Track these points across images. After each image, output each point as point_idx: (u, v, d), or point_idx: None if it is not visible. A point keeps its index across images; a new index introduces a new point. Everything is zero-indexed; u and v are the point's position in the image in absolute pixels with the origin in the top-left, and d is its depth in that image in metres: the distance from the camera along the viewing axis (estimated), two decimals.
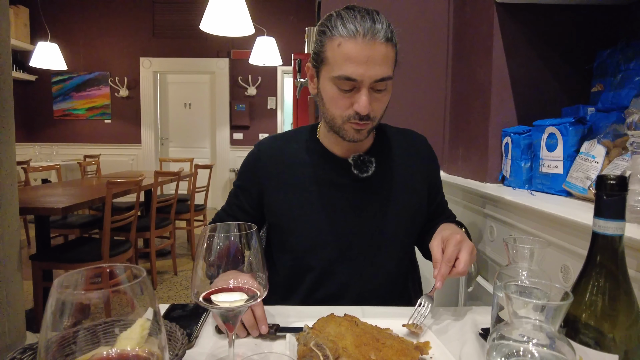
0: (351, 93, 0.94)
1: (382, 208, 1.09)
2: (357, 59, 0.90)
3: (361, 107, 0.93)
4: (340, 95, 0.95)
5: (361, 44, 0.90)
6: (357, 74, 0.91)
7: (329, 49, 0.94)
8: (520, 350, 0.49)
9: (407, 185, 1.12)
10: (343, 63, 0.91)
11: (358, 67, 0.90)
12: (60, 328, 0.38)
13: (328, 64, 0.95)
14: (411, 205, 1.12)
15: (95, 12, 6.70)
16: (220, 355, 0.76)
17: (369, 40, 0.90)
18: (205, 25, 2.87)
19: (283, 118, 6.95)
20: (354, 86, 0.93)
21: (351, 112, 0.96)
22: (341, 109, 0.97)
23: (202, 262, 0.62)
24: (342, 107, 0.96)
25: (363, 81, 0.92)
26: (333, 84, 0.95)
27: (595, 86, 1.33)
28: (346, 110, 0.96)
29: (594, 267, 0.56)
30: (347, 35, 0.90)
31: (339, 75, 0.92)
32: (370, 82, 0.92)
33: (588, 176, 1.05)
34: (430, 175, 1.18)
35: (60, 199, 2.92)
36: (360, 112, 0.94)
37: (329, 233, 1.07)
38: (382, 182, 1.10)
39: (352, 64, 0.90)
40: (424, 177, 1.16)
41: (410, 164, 1.14)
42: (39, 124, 6.91)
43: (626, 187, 0.53)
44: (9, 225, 1.60)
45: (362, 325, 0.78)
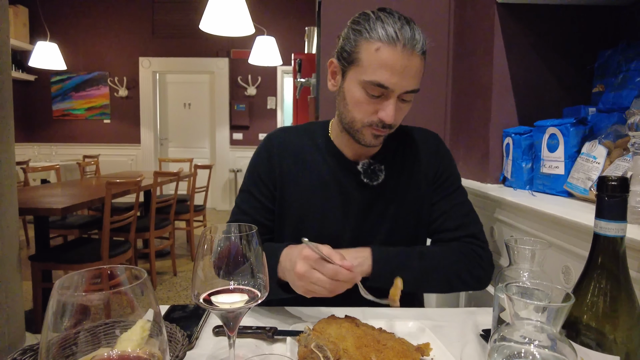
0: (378, 100, 0.92)
1: (390, 214, 1.07)
2: (394, 67, 0.88)
3: (388, 117, 0.92)
4: (367, 100, 0.93)
5: (400, 53, 0.87)
6: (391, 83, 0.89)
7: (364, 51, 0.90)
8: (522, 352, 0.49)
9: (415, 190, 1.09)
10: (378, 69, 0.89)
11: (393, 76, 0.88)
12: (61, 329, 0.38)
13: (360, 65, 0.91)
14: (418, 211, 1.09)
15: (95, 12, 6.70)
16: (221, 357, 0.75)
17: (409, 51, 0.88)
18: (205, 25, 2.87)
19: (283, 118, 6.95)
20: (383, 93, 0.91)
21: (374, 119, 0.94)
22: (365, 114, 0.94)
23: (202, 262, 0.62)
24: (366, 112, 0.94)
25: (395, 91, 0.90)
26: (361, 87, 0.92)
27: (596, 87, 1.33)
28: (369, 116, 0.94)
29: (595, 268, 0.56)
30: (387, 41, 0.88)
31: (371, 81, 0.90)
32: (401, 92, 0.91)
33: (589, 177, 1.05)
34: (437, 176, 1.11)
35: (60, 199, 2.91)
36: (386, 120, 0.92)
37: (337, 235, 1.05)
38: (391, 189, 1.07)
39: (388, 72, 0.88)
40: (429, 181, 1.11)
41: (418, 168, 1.10)
42: (38, 124, 6.90)
43: (627, 188, 0.53)
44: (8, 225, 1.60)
45: (363, 326, 0.78)
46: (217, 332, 0.83)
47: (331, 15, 1.76)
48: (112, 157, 6.90)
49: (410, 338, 0.77)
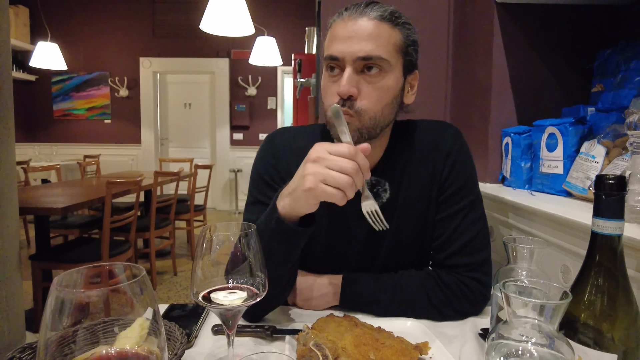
0: (339, 75, 0.85)
1: (394, 233, 0.96)
2: (341, 35, 0.83)
3: (340, 86, 0.82)
4: (329, 79, 0.87)
5: (347, 20, 0.84)
6: (338, 51, 0.83)
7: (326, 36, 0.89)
8: (519, 350, 0.49)
9: (421, 206, 0.97)
10: (329, 43, 0.86)
11: (340, 44, 0.83)
12: (59, 327, 0.38)
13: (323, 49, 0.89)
14: (424, 229, 0.98)
15: (95, 12, 6.70)
16: (219, 355, 0.75)
17: (355, 16, 0.84)
18: (205, 25, 2.87)
19: (283, 118, 6.95)
20: (338, 66, 0.85)
21: (338, 100, 0.83)
22: (329, 96, 0.87)
23: (202, 261, 0.62)
24: (330, 95, 0.86)
25: (344, 58, 0.83)
26: (325, 70, 0.88)
27: (595, 86, 1.33)
28: (333, 98, 0.85)
29: (593, 266, 0.56)
30: (338, 18, 0.86)
31: (325, 56, 0.86)
32: (353, 60, 0.82)
33: (588, 176, 1.05)
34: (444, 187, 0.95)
35: (60, 199, 2.92)
36: (339, 93, 0.82)
37: (343, 250, 0.99)
38: (396, 207, 0.96)
39: (335, 41, 0.84)
40: (435, 194, 0.96)
41: (426, 179, 0.96)
42: (38, 124, 6.91)
43: (625, 186, 0.53)
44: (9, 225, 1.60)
45: (361, 325, 0.78)
46: (216, 330, 0.83)
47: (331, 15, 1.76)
48: (113, 157, 6.91)
49: (408, 337, 0.77)
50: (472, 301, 0.91)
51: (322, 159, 0.73)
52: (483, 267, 0.92)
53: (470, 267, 0.92)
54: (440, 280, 0.92)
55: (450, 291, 0.90)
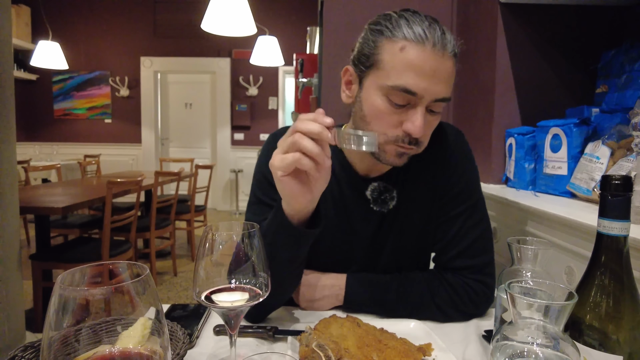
0: (403, 109, 0.79)
1: (398, 239, 0.97)
2: (423, 70, 0.75)
3: (415, 129, 0.77)
4: (390, 110, 0.79)
5: (430, 52, 0.75)
6: (420, 88, 0.76)
7: (386, 51, 0.78)
8: (524, 351, 0.48)
9: (426, 212, 0.96)
10: (404, 71, 0.76)
11: (422, 80, 0.75)
12: (63, 325, 0.38)
13: (382, 69, 0.78)
14: (427, 235, 0.98)
15: (97, 12, 6.71)
16: (222, 356, 0.75)
17: (440, 51, 0.76)
18: (206, 25, 2.87)
19: (284, 118, 6.95)
20: (410, 102, 0.78)
21: (399, 133, 0.80)
22: (387, 126, 0.80)
23: (204, 261, 0.62)
24: (388, 125, 0.80)
25: (424, 97, 0.77)
26: (384, 94, 0.79)
27: (599, 87, 1.32)
28: (393, 130, 0.80)
29: (599, 267, 0.55)
30: (414, 39, 0.75)
31: (395, 85, 0.76)
32: (430, 101, 0.78)
33: (592, 177, 1.05)
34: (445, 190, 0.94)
35: (60, 198, 2.92)
36: (413, 133, 0.78)
37: (347, 256, 0.98)
38: (401, 214, 0.95)
39: (416, 75, 0.75)
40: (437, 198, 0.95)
41: (431, 184, 0.95)
42: (39, 123, 6.91)
43: (631, 187, 0.53)
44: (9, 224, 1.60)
45: (364, 326, 0.78)
46: (217, 331, 0.83)
47: (333, 15, 1.76)
48: (113, 157, 6.91)
49: (411, 338, 0.76)
50: (476, 303, 0.91)
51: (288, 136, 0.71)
52: (486, 269, 0.92)
53: (474, 270, 0.91)
54: (446, 282, 0.91)
55: (455, 293, 0.90)
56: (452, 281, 0.91)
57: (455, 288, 0.90)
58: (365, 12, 1.70)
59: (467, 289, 0.90)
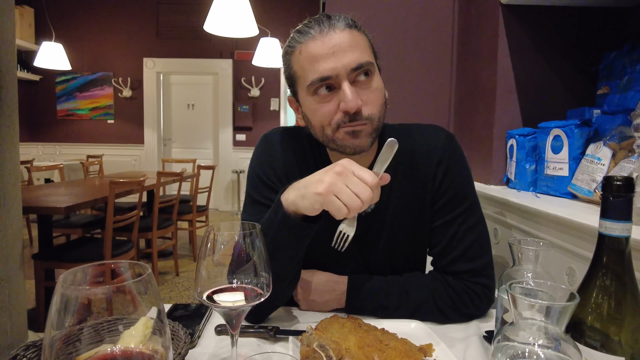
0: (334, 93, 0.83)
1: (386, 241, 0.97)
2: (322, 54, 0.81)
3: (348, 102, 0.80)
4: (322, 101, 0.84)
5: (320, 37, 0.81)
6: (328, 69, 0.80)
7: (294, 63, 0.86)
8: (526, 352, 0.48)
9: (412, 213, 0.96)
10: (310, 65, 0.82)
11: (326, 62, 0.80)
12: (64, 325, 0.38)
13: (299, 77, 0.86)
14: (416, 236, 0.98)
15: (100, 13, 6.73)
16: (223, 355, 0.75)
17: (328, 31, 0.81)
18: (209, 26, 2.87)
19: (286, 119, 6.96)
20: (333, 86, 0.82)
21: (339, 117, 0.83)
22: (328, 116, 0.84)
23: (206, 261, 0.62)
24: (328, 114, 0.84)
25: (339, 74, 0.81)
26: (311, 95, 0.84)
27: (601, 88, 1.32)
28: (333, 116, 0.83)
29: (600, 268, 0.55)
30: (303, 40, 0.83)
31: (312, 81, 0.82)
32: (347, 73, 0.81)
33: (594, 178, 1.05)
34: (438, 194, 0.94)
35: (63, 198, 2.92)
36: (349, 109, 0.81)
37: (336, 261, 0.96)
38: (385, 215, 0.96)
39: (320, 61, 0.81)
40: (427, 201, 0.96)
41: (417, 185, 0.95)
42: (42, 123, 6.93)
43: (633, 188, 0.53)
44: (12, 224, 1.60)
45: (365, 326, 0.78)
46: (219, 331, 0.83)
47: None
48: (116, 157, 6.92)
49: (412, 339, 0.76)
50: (477, 305, 0.91)
51: (346, 175, 0.74)
52: (486, 271, 0.92)
53: (473, 273, 0.91)
54: (448, 285, 0.91)
55: (457, 296, 0.90)
56: (453, 284, 0.91)
57: (457, 291, 0.90)
58: (366, 14, 1.70)
59: (468, 292, 0.90)
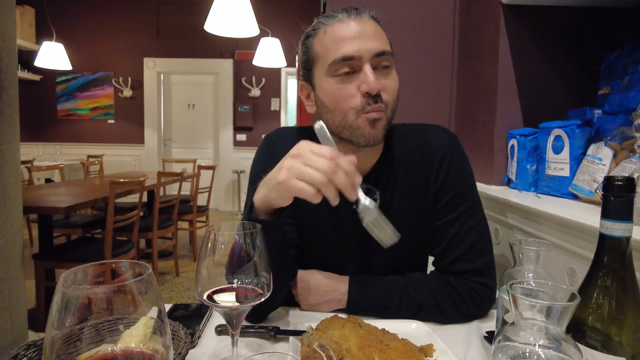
0: (354, 77, 0.83)
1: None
2: (348, 35, 0.83)
3: (370, 83, 0.81)
4: (342, 84, 0.84)
5: (347, 21, 0.84)
6: (354, 50, 0.82)
7: (316, 44, 0.87)
8: (527, 352, 0.48)
9: (413, 213, 0.96)
10: (335, 45, 0.83)
11: (352, 43, 0.82)
12: (65, 324, 0.38)
13: (320, 58, 0.86)
14: (418, 236, 0.98)
15: (100, 13, 6.73)
16: (223, 355, 0.75)
17: (356, 17, 0.84)
18: (209, 26, 2.87)
19: (287, 119, 6.96)
20: (354, 68, 0.83)
21: (360, 100, 0.83)
22: (348, 99, 0.84)
23: (206, 261, 0.62)
24: (348, 97, 0.84)
25: (362, 56, 0.82)
26: (331, 76, 0.85)
27: (602, 89, 1.32)
28: (354, 99, 0.83)
29: (601, 269, 0.55)
30: (331, 22, 0.85)
31: (335, 59, 0.83)
32: (371, 57, 0.83)
33: (595, 179, 1.04)
34: (440, 194, 0.95)
35: (63, 198, 2.92)
36: (370, 90, 0.81)
37: (337, 260, 0.98)
38: (391, 216, 0.92)
39: (344, 42, 0.82)
40: (429, 201, 0.96)
41: (418, 185, 0.96)
42: (43, 123, 6.94)
43: (634, 188, 0.53)
44: (12, 224, 1.60)
45: (366, 326, 0.78)
46: (219, 331, 0.83)
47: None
48: (116, 157, 6.93)
49: (413, 339, 0.76)
50: (479, 305, 0.91)
51: (302, 155, 0.72)
52: (487, 270, 0.93)
53: (474, 272, 0.92)
54: (449, 285, 0.91)
55: (459, 296, 0.90)
56: (455, 284, 0.91)
57: (459, 291, 0.90)
58: None
59: (469, 292, 0.90)
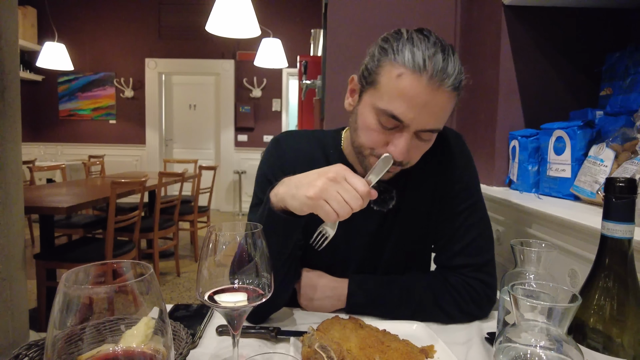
0: (391, 131, 0.81)
1: (397, 240, 0.99)
2: (414, 100, 0.76)
3: (398, 153, 0.80)
4: (379, 129, 0.82)
5: (425, 85, 0.75)
6: (407, 118, 0.77)
7: (385, 74, 0.79)
8: (528, 353, 0.48)
9: (425, 213, 0.98)
10: (395, 98, 0.77)
11: (410, 110, 0.77)
12: (66, 324, 0.38)
13: (378, 89, 0.80)
14: (426, 235, 1.00)
15: (102, 13, 6.75)
16: (224, 356, 0.75)
17: (435, 85, 0.75)
18: (211, 27, 2.87)
19: (288, 120, 6.96)
20: (397, 126, 0.80)
21: (384, 151, 0.82)
22: (374, 143, 0.83)
23: (207, 262, 0.62)
24: (375, 142, 0.83)
25: (410, 126, 0.79)
26: (374, 114, 0.81)
27: (603, 90, 1.32)
28: (379, 147, 0.83)
29: (603, 270, 0.55)
30: (412, 68, 0.75)
31: (385, 110, 0.78)
32: (418, 129, 0.80)
33: (596, 180, 1.04)
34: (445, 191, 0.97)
35: (65, 198, 2.93)
36: (396, 157, 0.80)
37: (344, 258, 0.99)
38: (400, 214, 0.97)
39: (406, 104, 0.77)
40: (436, 199, 0.98)
41: (429, 186, 0.98)
42: (44, 123, 6.95)
43: (636, 189, 0.53)
44: (14, 224, 1.60)
45: (367, 327, 0.78)
46: (220, 331, 0.83)
47: (337, 17, 1.77)
48: (117, 158, 6.93)
49: (414, 340, 0.76)
50: (477, 302, 0.91)
51: (338, 182, 0.74)
52: (485, 267, 0.93)
53: (473, 268, 0.92)
54: (447, 282, 0.92)
55: (456, 292, 0.91)
56: (453, 281, 0.92)
57: (457, 288, 0.91)
58: (369, 15, 1.70)
59: (467, 288, 0.91)
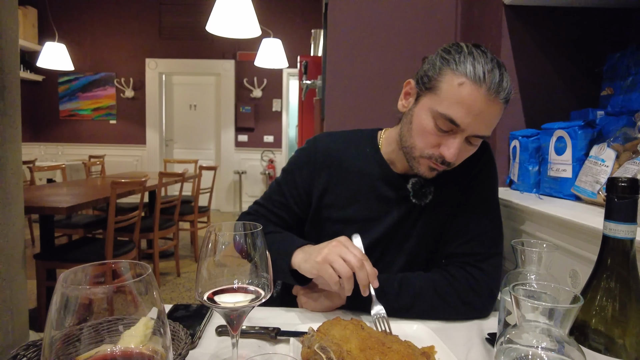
0: (445, 134, 0.89)
1: (422, 232, 1.05)
2: (472, 107, 0.84)
3: (450, 154, 0.88)
4: (434, 131, 0.89)
5: (483, 95, 0.84)
6: (464, 122, 0.85)
7: (446, 81, 0.87)
8: (529, 354, 0.48)
9: (448, 204, 1.05)
10: (455, 104, 0.85)
11: (468, 116, 0.85)
12: (64, 325, 0.38)
13: (438, 95, 0.88)
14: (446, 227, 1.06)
15: (103, 13, 6.76)
16: (224, 356, 0.75)
17: (491, 96, 0.84)
18: (211, 27, 2.88)
19: (288, 120, 6.97)
20: (452, 130, 0.88)
21: (435, 152, 0.91)
22: (427, 144, 0.91)
23: (207, 262, 0.62)
24: (428, 143, 0.91)
25: (465, 130, 0.87)
26: (432, 117, 0.89)
27: (604, 90, 1.32)
28: (431, 149, 0.91)
29: (604, 271, 0.55)
30: (473, 79, 0.84)
31: (444, 114, 0.86)
32: (470, 134, 0.88)
33: (597, 180, 1.04)
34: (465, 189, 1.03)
35: (65, 198, 2.93)
36: (447, 158, 0.89)
37: (374, 248, 1.04)
38: (437, 209, 1.04)
39: (464, 110, 0.85)
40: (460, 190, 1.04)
41: (459, 187, 1.04)
42: (45, 123, 6.96)
43: (638, 189, 0.52)
44: (14, 224, 1.60)
45: (367, 329, 0.77)
46: (220, 331, 0.82)
47: (338, 17, 1.76)
48: (118, 158, 6.94)
49: (415, 341, 0.76)
50: (477, 291, 0.93)
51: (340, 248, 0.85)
52: (491, 259, 0.97)
53: (477, 258, 0.96)
54: (447, 272, 0.96)
55: (456, 281, 0.94)
56: (453, 272, 0.96)
57: (457, 277, 0.95)
58: (369, 15, 1.70)
59: (467, 276, 0.95)
